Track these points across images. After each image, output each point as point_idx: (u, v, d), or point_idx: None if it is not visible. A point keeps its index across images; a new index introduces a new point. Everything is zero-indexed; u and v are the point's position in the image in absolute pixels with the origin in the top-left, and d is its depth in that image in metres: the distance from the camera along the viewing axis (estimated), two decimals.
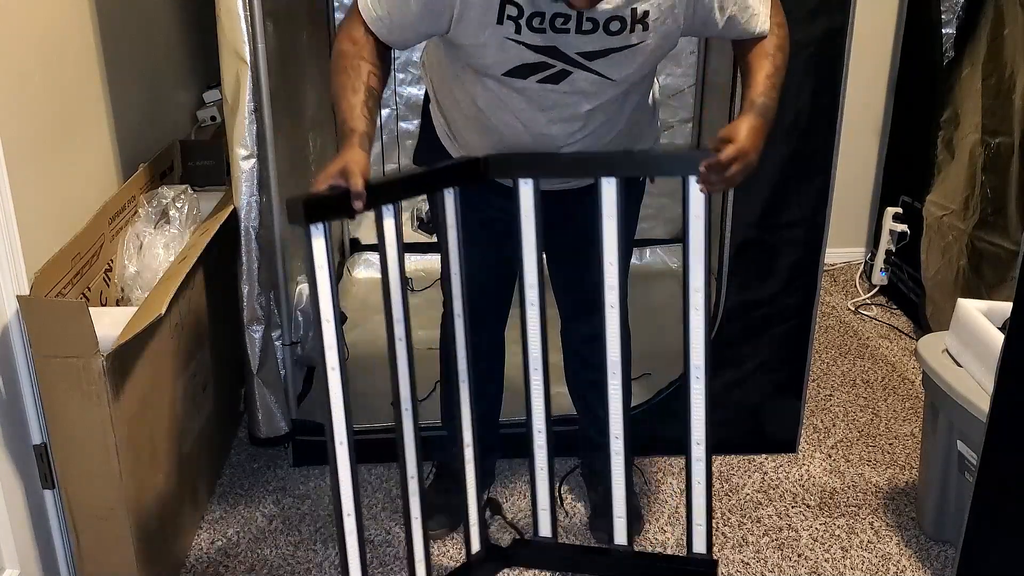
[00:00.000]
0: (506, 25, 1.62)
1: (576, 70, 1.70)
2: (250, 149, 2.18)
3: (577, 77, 1.71)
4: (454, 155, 1.95)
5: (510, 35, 1.64)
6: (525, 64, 1.69)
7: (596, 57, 1.68)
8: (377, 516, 2.28)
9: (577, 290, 2.08)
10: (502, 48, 1.66)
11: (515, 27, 1.63)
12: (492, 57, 1.68)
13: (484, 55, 1.69)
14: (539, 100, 1.76)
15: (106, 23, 2.21)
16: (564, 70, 1.69)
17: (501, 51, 1.66)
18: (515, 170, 1.83)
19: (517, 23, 1.62)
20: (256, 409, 2.37)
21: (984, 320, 2.01)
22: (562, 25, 1.62)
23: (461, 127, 1.90)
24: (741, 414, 2.45)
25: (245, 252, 2.26)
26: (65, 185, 2.00)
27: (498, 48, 1.66)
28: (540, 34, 1.63)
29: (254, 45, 2.10)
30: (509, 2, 1.60)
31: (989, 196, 2.76)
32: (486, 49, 1.67)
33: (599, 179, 1.81)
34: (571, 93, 1.74)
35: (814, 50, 2.16)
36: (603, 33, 1.63)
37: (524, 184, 1.83)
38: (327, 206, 1.63)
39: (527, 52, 1.66)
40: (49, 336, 1.70)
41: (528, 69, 1.70)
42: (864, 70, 3.04)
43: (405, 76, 3.27)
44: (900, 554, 2.17)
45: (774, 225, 2.32)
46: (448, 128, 1.94)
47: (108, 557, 1.86)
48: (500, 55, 1.67)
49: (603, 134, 1.84)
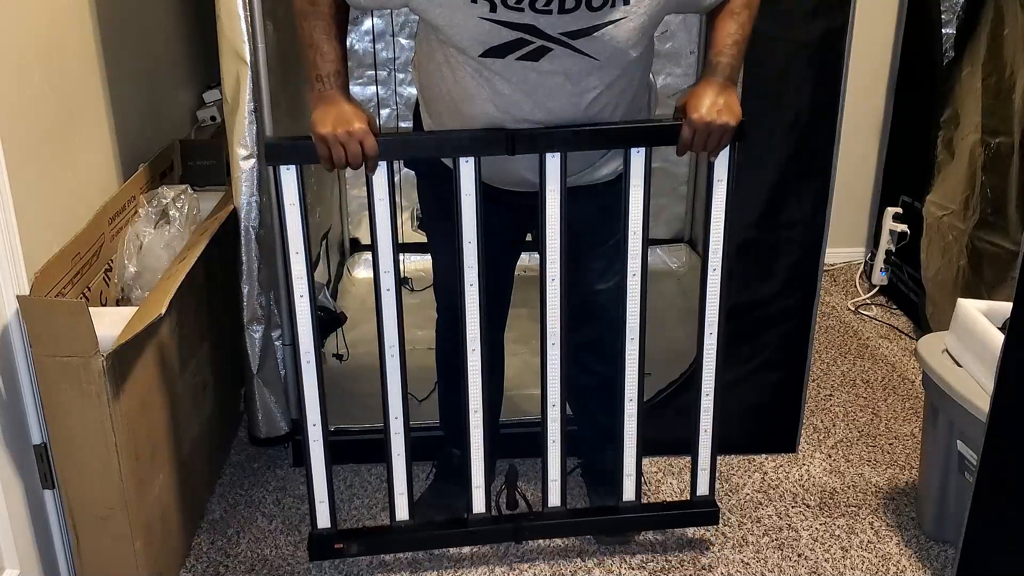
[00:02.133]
0: (480, 4, 1.57)
1: (556, 47, 1.64)
2: (250, 149, 2.19)
3: (558, 54, 1.65)
4: None
5: (484, 14, 1.59)
6: (503, 43, 1.63)
7: (579, 36, 1.63)
8: (377, 516, 2.28)
9: (576, 295, 2.07)
10: (477, 27, 1.61)
11: (490, 6, 1.57)
12: (467, 38, 1.64)
13: (460, 36, 1.64)
14: (520, 82, 1.70)
15: (106, 23, 2.21)
16: (543, 46, 1.64)
17: (476, 30, 1.61)
18: (541, 145, 1.80)
19: (492, 2, 1.57)
20: (256, 409, 2.38)
21: (984, 320, 2.01)
22: (544, 6, 1.57)
23: (447, 120, 1.85)
24: (741, 414, 2.45)
25: (245, 252, 2.26)
26: (65, 185, 2.00)
27: (474, 27, 1.61)
28: (518, 12, 1.58)
29: (254, 45, 2.10)
30: None
31: (989, 196, 2.76)
32: (461, 30, 1.62)
33: (628, 150, 1.82)
34: (553, 72, 1.68)
35: (814, 50, 2.16)
36: (585, 9, 1.58)
37: (551, 158, 1.81)
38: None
39: (504, 30, 1.61)
40: (49, 336, 1.70)
41: (505, 48, 1.64)
42: (864, 70, 3.04)
43: (405, 76, 3.27)
44: (900, 554, 2.17)
45: (774, 225, 2.32)
46: (432, 123, 1.91)
47: (108, 557, 1.86)
48: (475, 34, 1.62)
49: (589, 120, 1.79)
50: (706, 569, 2.12)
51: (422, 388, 2.45)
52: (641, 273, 1.92)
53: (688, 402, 2.09)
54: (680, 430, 2.15)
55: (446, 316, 2.12)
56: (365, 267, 3.38)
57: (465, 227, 1.84)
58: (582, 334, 2.05)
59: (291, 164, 1.77)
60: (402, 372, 1.93)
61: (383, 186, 1.80)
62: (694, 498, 2.12)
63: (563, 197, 1.84)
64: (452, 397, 2.08)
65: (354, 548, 2.02)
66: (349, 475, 2.41)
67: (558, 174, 1.82)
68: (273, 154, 1.79)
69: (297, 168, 1.78)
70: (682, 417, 2.17)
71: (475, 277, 1.88)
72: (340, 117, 1.70)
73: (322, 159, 1.73)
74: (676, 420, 2.29)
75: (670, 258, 3.44)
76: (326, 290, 2.87)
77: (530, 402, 2.44)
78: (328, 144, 1.70)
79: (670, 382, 2.41)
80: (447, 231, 1.88)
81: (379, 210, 1.82)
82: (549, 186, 1.83)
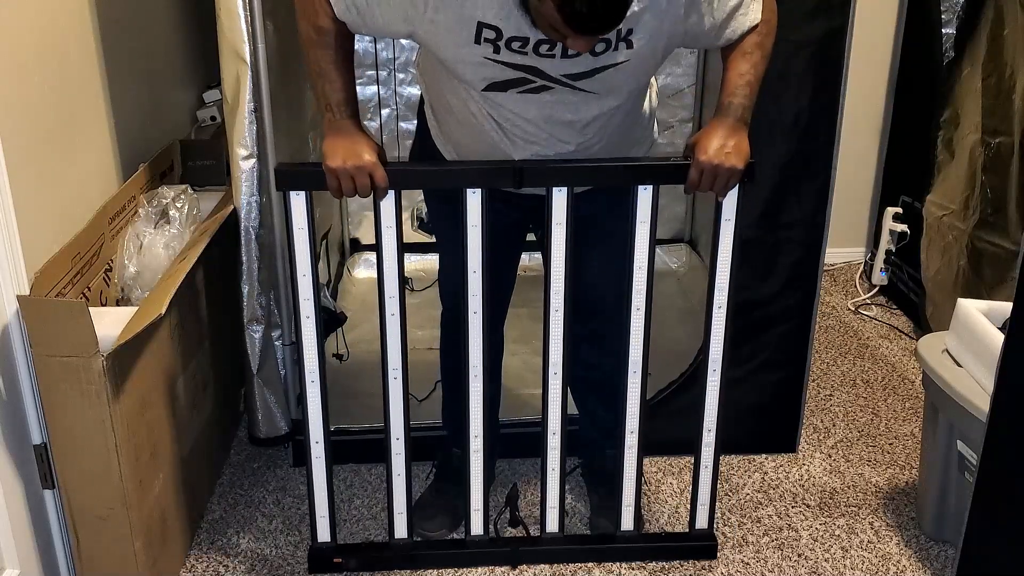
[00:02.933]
0: (483, 46, 1.60)
1: (558, 86, 1.67)
2: (250, 149, 2.18)
3: (559, 90, 1.69)
4: (447, 156, 1.94)
5: (488, 55, 1.61)
6: (505, 79, 1.66)
7: (581, 78, 1.66)
8: (377, 516, 2.28)
9: (581, 294, 2.07)
10: (481, 65, 1.64)
11: (493, 48, 1.60)
12: (470, 74, 1.67)
13: (463, 71, 1.67)
14: (521, 110, 1.73)
15: (106, 23, 2.21)
16: (545, 85, 1.67)
17: (479, 68, 1.64)
18: (549, 179, 1.81)
19: (496, 44, 1.59)
20: (256, 409, 2.38)
21: (984, 320, 2.01)
22: (547, 51, 1.59)
23: (453, 129, 1.88)
24: (741, 414, 2.44)
25: (245, 252, 2.26)
26: (65, 185, 2.00)
27: (476, 65, 1.64)
28: (521, 55, 1.60)
29: (254, 45, 2.10)
30: (486, 26, 1.57)
31: (989, 196, 2.76)
32: (464, 66, 1.65)
33: (634, 188, 1.82)
34: (555, 103, 1.71)
35: (814, 50, 2.16)
36: (588, 55, 1.60)
37: (558, 192, 1.82)
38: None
39: (508, 70, 1.64)
40: (49, 336, 1.70)
41: (507, 84, 1.67)
42: (864, 70, 3.03)
43: (405, 76, 3.27)
44: (900, 554, 2.17)
45: (774, 225, 2.32)
46: (440, 129, 1.93)
47: (108, 557, 1.86)
48: (478, 71, 1.65)
49: (592, 143, 1.81)
50: (706, 569, 2.12)
51: (422, 388, 2.45)
52: (645, 309, 1.93)
53: (688, 402, 2.09)
54: (680, 430, 2.15)
55: (449, 315, 2.12)
56: (365, 267, 3.38)
57: (471, 258, 1.86)
58: (585, 328, 2.06)
59: (301, 191, 1.79)
60: (405, 389, 1.96)
61: (391, 214, 1.81)
62: (692, 531, 2.14)
63: (570, 234, 1.85)
64: (454, 395, 2.08)
65: (352, 563, 2.09)
66: (349, 475, 2.41)
67: (564, 208, 1.83)
68: (283, 180, 1.81)
69: (307, 194, 1.79)
70: (682, 417, 2.17)
71: (479, 305, 1.90)
72: (350, 149, 1.72)
73: (332, 190, 1.76)
74: (676, 420, 2.30)
75: (670, 258, 3.44)
76: (326, 290, 2.88)
77: (530, 401, 2.45)
78: (338, 176, 1.73)
79: (670, 382, 2.41)
80: (451, 232, 1.89)
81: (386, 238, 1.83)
82: (555, 223, 1.84)
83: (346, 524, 2.25)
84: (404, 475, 2.02)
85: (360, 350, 2.75)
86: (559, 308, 1.91)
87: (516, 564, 2.10)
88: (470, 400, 1.98)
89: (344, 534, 2.21)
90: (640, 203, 1.84)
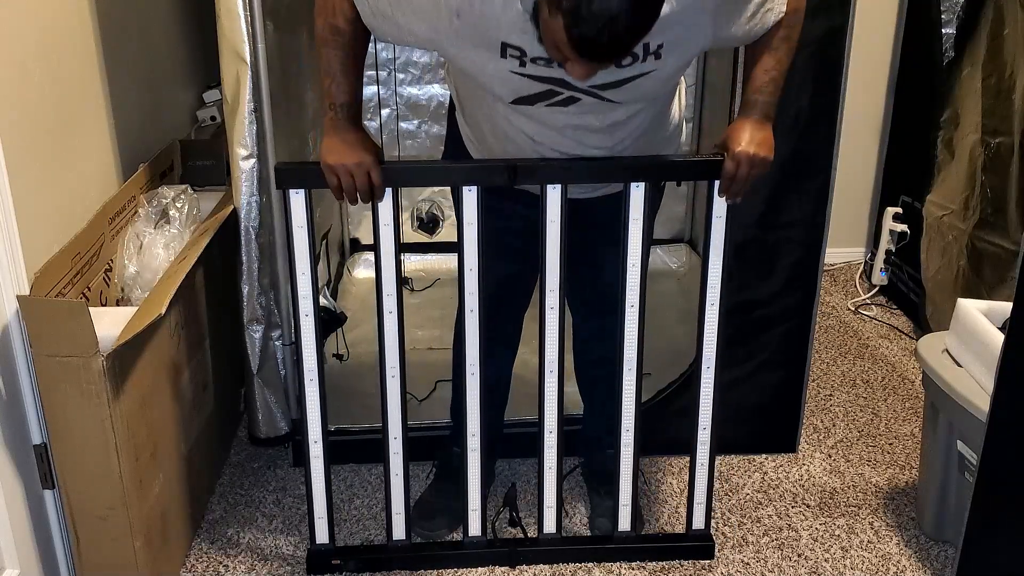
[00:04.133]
0: (509, 60, 1.60)
1: (585, 96, 1.67)
2: (250, 149, 2.18)
3: (587, 101, 1.68)
4: (476, 157, 1.94)
5: (514, 68, 1.61)
6: (533, 93, 1.66)
7: (608, 88, 1.65)
8: (378, 516, 2.28)
9: (590, 290, 2.07)
10: (507, 78, 1.63)
11: (519, 61, 1.60)
12: (498, 86, 1.67)
13: (490, 84, 1.67)
14: (551, 121, 1.73)
15: (106, 23, 2.21)
16: (572, 96, 1.67)
17: (506, 81, 1.64)
18: (543, 177, 1.82)
19: (521, 60, 1.59)
20: (256, 409, 2.38)
21: (984, 320, 2.01)
22: None
23: (487, 133, 1.88)
24: (741, 414, 2.45)
25: (245, 252, 2.26)
26: (65, 185, 2.00)
27: (504, 78, 1.64)
28: (547, 68, 1.60)
29: (254, 45, 2.10)
30: (510, 46, 1.57)
31: (989, 196, 2.76)
32: (491, 79, 1.65)
33: (627, 184, 1.82)
34: (583, 114, 1.72)
35: (814, 50, 2.16)
36: (614, 67, 1.58)
37: (552, 190, 1.83)
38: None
39: (535, 83, 1.64)
40: (49, 336, 1.70)
41: (535, 97, 1.67)
42: (864, 70, 3.04)
43: (405, 76, 3.27)
44: (900, 554, 2.17)
45: (774, 225, 2.32)
46: (472, 134, 1.93)
47: (108, 557, 1.86)
48: (505, 84, 1.65)
49: (623, 148, 1.82)
50: (706, 569, 2.12)
51: (422, 388, 2.45)
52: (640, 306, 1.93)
53: (688, 402, 2.08)
54: (680, 430, 2.16)
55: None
56: (365, 267, 3.38)
57: (467, 256, 1.87)
58: (594, 326, 2.06)
59: (300, 189, 1.81)
60: (402, 388, 1.95)
61: (389, 212, 1.83)
62: (689, 531, 2.14)
63: (564, 233, 1.85)
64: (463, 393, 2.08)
65: (351, 565, 2.10)
66: (349, 475, 2.41)
67: (559, 206, 1.83)
68: (283, 178, 1.82)
69: (306, 192, 1.81)
70: (682, 417, 2.17)
71: (475, 304, 1.90)
72: (349, 148, 1.74)
73: (331, 188, 1.77)
74: (677, 420, 2.30)
75: (670, 258, 3.44)
76: (326, 290, 2.88)
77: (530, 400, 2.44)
78: (337, 174, 1.74)
79: (670, 382, 2.41)
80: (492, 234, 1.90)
81: (384, 235, 1.84)
82: (550, 221, 1.85)
83: (346, 524, 2.25)
84: (402, 475, 2.02)
85: (360, 350, 2.75)
86: (554, 306, 1.90)
87: (515, 564, 2.10)
88: (467, 398, 1.98)
89: (344, 534, 2.21)
90: (632, 201, 1.84)
